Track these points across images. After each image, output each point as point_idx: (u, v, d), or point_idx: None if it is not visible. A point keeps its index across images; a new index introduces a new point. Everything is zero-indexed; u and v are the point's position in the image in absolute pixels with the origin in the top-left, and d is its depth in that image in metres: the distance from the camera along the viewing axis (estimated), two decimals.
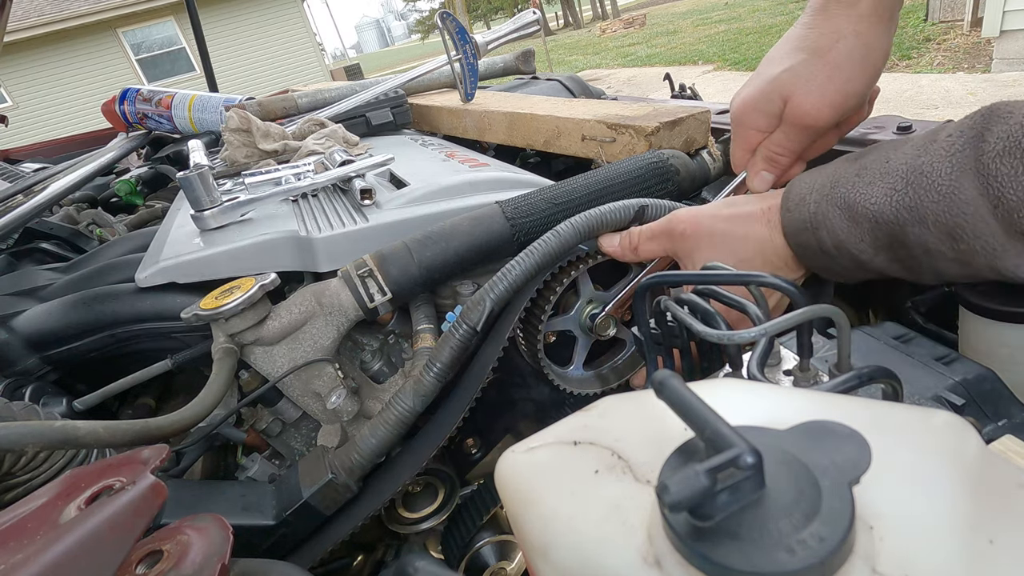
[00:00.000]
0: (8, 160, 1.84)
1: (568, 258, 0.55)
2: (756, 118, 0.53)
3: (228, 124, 0.88)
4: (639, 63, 9.41)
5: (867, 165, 0.41)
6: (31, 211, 0.85)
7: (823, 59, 0.48)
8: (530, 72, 1.44)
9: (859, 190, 0.41)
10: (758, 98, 0.52)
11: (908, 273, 0.42)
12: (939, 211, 0.36)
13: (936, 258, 0.38)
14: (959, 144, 0.36)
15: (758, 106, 0.52)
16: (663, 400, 0.19)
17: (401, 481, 0.52)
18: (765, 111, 0.52)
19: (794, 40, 0.51)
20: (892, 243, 0.40)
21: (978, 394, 0.34)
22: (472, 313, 0.52)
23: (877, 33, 0.47)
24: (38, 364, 0.60)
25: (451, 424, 0.52)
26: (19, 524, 0.25)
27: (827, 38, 0.48)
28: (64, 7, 11.06)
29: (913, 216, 0.37)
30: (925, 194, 0.37)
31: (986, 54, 4.81)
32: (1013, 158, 0.33)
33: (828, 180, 0.44)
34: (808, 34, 0.50)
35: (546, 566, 0.21)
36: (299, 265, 0.61)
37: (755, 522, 0.16)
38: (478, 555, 0.60)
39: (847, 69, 0.47)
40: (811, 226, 0.44)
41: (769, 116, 0.52)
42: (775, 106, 0.51)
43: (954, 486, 0.17)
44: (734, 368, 0.33)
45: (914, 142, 0.40)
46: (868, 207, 0.40)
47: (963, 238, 0.36)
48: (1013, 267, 0.34)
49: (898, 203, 0.38)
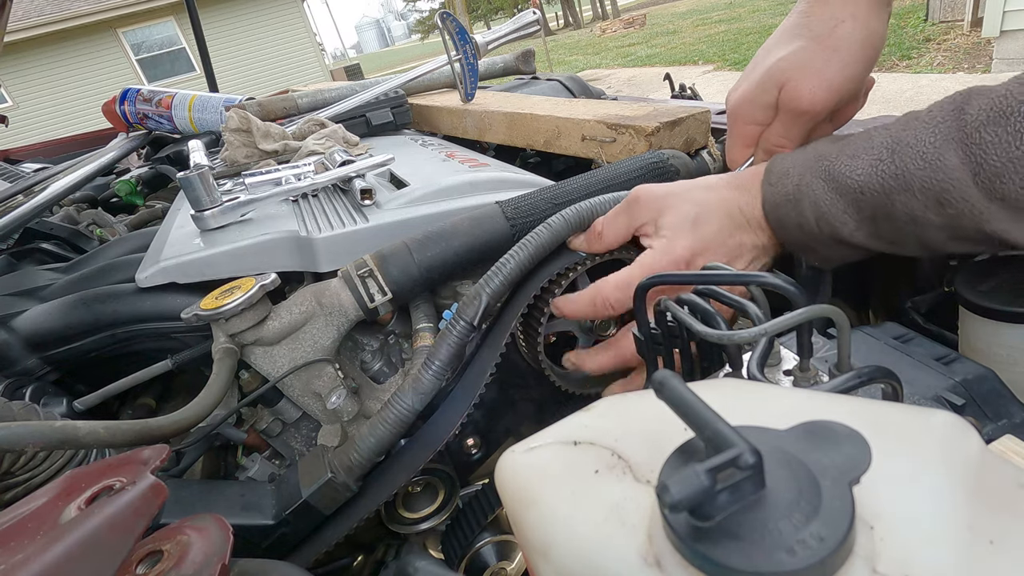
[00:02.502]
0: (8, 160, 1.84)
1: (566, 265, 0.55)
2: (752, 111, 0.52)
3: (228, 124, 0.88)
4: (639, 63, 9.41)
5: (851, 142, 0.42)
6: (31, 211, 0.85)
7: (820, 44, 0.48)
8: (530, 72, 1.44)
9: (843, 162, 0.41)
10: (754, 90, 0.51)
11: (889, 246, 0.42)
12: (925, 177, 0.37)
13: (923, 227, 0.38)
14: (940, 117, 0.37)
15: (754, 98, 0.51)
16: (663, 400, 0.19)
17: (401, 482, 0.52)
18: (761, 102, 0.51)
19: (790, 29, 0.50)
20: (876, 215, 0.40)
21: (978, 394, 0.34)
22: (468, 308, 0.52)
23: (874, 17, 0.47)
24: (38, 364, 0.60)
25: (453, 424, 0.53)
26: (19, 524, 0.25)
27: (824, 23, 0.48)
28: (64, 7, 11.06)
29: (899, 184, 0.38)
30: (911, 162, 0.37)
31: (986, 54, 4.81)
32: (997, 126, 0.34)
33: (812, 155, 0.44)
34: (804, 21, 0.49)
35: (546, 566, 0.21)
36: (299, 265, 0.61)
37: (755, 522, 0.16)
38: (478, 555, 0.60)
39: (845, 52, 0.47)
40: (793, 198, 0.44)
41: (765, 107, 0.51)
42: (771, 96, 0.50)
43: (954, 486, 0.17)
44: (734, 368, 0.33)
45: (896, 121, 0.41)
46: (854, 178, 0.40)
47: (950, 203, 0.36)
48: (1001, 231, 0.35)
49: (884, 172, 0.39)
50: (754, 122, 0.53)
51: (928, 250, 0.41)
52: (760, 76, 0.50)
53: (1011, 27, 4.31)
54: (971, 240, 0.38)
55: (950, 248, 0.40)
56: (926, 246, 0.40)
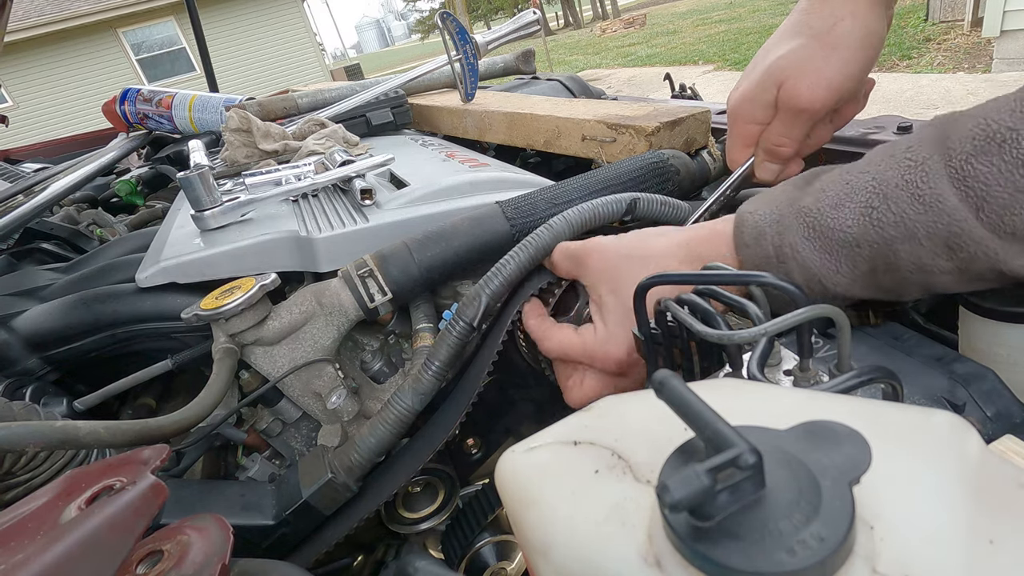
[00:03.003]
0: (8, 160, 1.84)
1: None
2: (752, 109, 0.51)
3: (228, 124, 0.88)
4: (639, 63, 9.41)
5: (824, 187, 0.38)
6: (31, 211, 0.85)
7: (820, 41, 0.47)
8: (530, 72, 1.44)
9: (828, 214, 0.37)
10: (753, 89, 0.51)
11: (888, 294, 0.38)
12: (928, 222, 0.33)
13: (931, 274, 0.35)
14: (925, 153, 0.33)
15: (753, 97, 0.51)
16: (663, 400, 0.19)
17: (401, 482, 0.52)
18: (761, 101, 0.50)
19: (790, 27, 0.50)
20: (876, 267, 0.36)
21: (978, 394, 0.34)
22: (468, 309, 0.52)
23: (875, 16, 0.47)
24: (38, 364, 0.60)
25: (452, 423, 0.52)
26: (19, 524, 0.25)
27: (824, 21, 0.47)
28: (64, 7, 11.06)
29: (901, 232, 0.34)
30: (909, 207, 0.34)
31: (986, 54, 4.81)
32: (990, 156, 0.31)
33: (787, 207, 0.39)
34: (804, 19, 0.49)
35: (546, 566, 0.21)
36: (299, 265, 0.61)
37: (755, 522, 0.16)
38: (478, 555, 0.60)
39: (844, 51, 0.46)
40: (776, 261, 0.39)
41: (765, 106, 0.51)
42: (770, 95, 0.49)
43: (954, 486, 0.17)
44: (734, 368, 0.33)
45: (869, 159, 0.37)
46: (845, 231, 0.36)
47: (961, 247, 0.33)
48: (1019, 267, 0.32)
49: (881, 221, 0.35)
50: (754, 121, 0.52)
51: (932, 293, 0.37)
52: (759, 75, 0.50)
53: (1011, 27, 4.31)
54: (986, 280, 0.34)
55: (961, 289, 0.36)
56: (931, 290, 0.36)
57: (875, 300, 0.40)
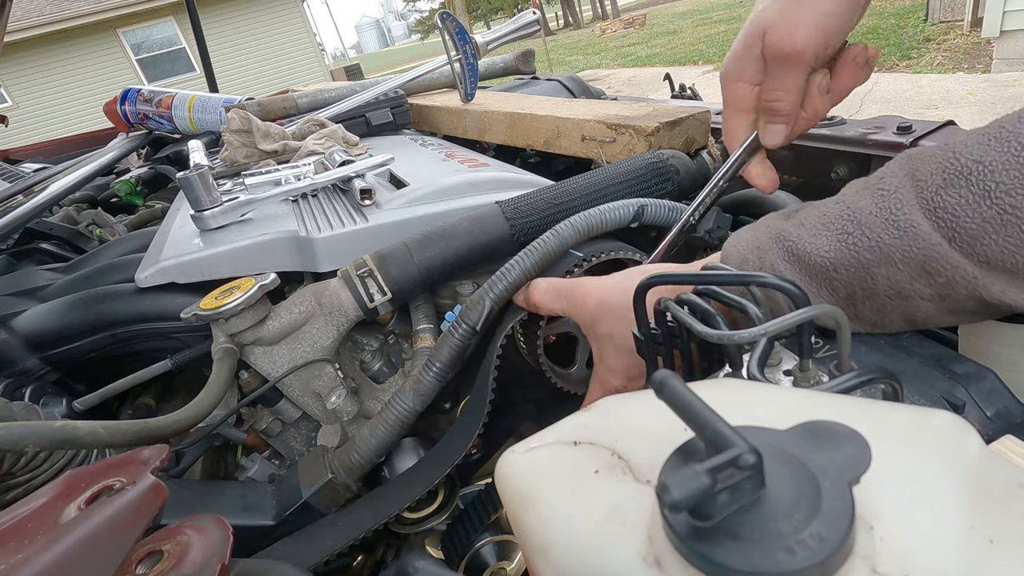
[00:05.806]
0: (8, 160, 1.84)
1: (566, 267, 0.55)
2: (741, 67, 0.51)
3: (228, 124, 0.88)
4: (639, 63, 9.41)
5: (803, 220, 0.39)
6: (31, 211, 0.85)
7: None
8: (530, 72, 1.44)
9: (806, 241, 0.37)
10: (739, 47, 0.50)
11: (871, 327, 0.38)
12: (904, 246, 0.33)
13: (911, 300, 0.35)
14: (896, 183, 0.34)
15: (741, 55, 0.50)
16: (663, 400, 0.19)
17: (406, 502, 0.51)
18: (748, 57, 0.50)
19: None
20: (854, 293, 0.37)
21: (978, 394, 0.34)
22: (471, 312, 0.52)
23: None
24: (38, 364, 0.60)
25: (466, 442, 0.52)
26: (19, 524, 0.25)
27: None
28: (64, 7, 11.06)
29: (876, 256, 0.34)
30: (883, 231, 0.34)
31: (986, 54, 4.81)
32: (958, 188, 0.31)
33: (766, 235, 0.40)
34: None
35: (546, 566, 0.21)
36: (299, 265, 0.61)
37: (755, 522, 0.16)
38: (478, 555, 0.60)
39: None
40: None
41: (753, 61, 0.50)
42: (755, 49, 0.49)
43: (954, 486, 0.17)
44: (734, 368, 0.33)
45: (843, 192, 0.38)
46: (823, 255, 0.37)
47: (938, 271, 0.33)
48: (999, 293, 0.32)
49: (856, 245, 0.35)
50: (744, 79, 0.52)
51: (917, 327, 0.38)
52: (743, 33, 0.50)
53: (1011, 27, 4.31)
54: (969, 311, 0.34)
55: (945, 322, 0.36)
56: (915, 322, 0.37)
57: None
